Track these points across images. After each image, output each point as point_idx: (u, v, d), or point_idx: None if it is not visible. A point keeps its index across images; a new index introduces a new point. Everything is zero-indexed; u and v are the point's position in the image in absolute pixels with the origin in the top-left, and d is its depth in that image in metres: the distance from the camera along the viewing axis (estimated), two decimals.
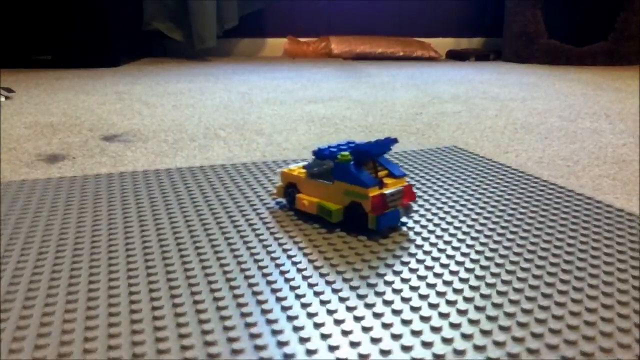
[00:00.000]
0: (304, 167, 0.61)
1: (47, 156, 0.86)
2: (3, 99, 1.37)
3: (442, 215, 0.60)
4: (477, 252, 0.51)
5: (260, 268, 0.47)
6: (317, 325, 0.39)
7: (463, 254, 0.50)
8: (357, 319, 0.40)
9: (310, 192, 0.59)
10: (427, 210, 0.62)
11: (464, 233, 0.55)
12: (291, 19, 2.64)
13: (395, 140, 0.57)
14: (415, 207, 0.62)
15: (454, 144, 0.95)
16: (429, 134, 1.02)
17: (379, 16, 2.71)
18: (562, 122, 1.14)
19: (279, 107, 1.29)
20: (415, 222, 0.58)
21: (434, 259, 0.50)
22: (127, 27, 2.20)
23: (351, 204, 0.55)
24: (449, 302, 0.42)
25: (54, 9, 2.00)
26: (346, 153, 0.57)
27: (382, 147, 0.57)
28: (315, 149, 0.60)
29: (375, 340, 0.37)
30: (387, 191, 0.55)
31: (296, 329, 0.38)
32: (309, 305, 0.41)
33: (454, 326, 0.39)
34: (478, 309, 0.41)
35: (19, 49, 2.02)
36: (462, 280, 0.45)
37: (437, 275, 0.46)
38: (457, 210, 0.62)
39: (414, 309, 0.41)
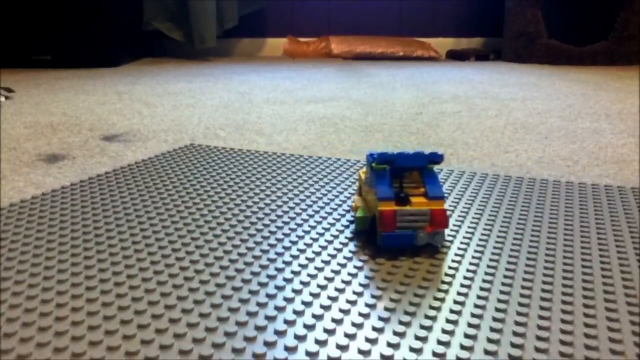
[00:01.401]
0: None
1: (47, 156, 0.86)
2: (3, 99, 1.37)
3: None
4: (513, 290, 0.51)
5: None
6: None
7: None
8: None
9: (363, 197, 0.57)
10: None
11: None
12: (291, 19, 2.64)
13: (438, 156, 0.52)
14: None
15: (453, 143, 0.95)
16: (429, 134, 1.02)
17: (379, 16, 2.71)
18: (562, 122, 1.14)
19: (279, 107, 1.29)
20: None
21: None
22: (127, 27, 2.20)
23: (374, 214, 0.52)
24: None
25: (54, 9, 2.00)
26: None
27: (414, 160, 0.52)
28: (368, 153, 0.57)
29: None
30: (400, 209, 0.50)
31: None
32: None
33: None
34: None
35: (19, 49, 2.02)
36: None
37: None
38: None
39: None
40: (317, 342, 0.37)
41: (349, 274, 0.47)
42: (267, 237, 0.54)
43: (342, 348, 0.36)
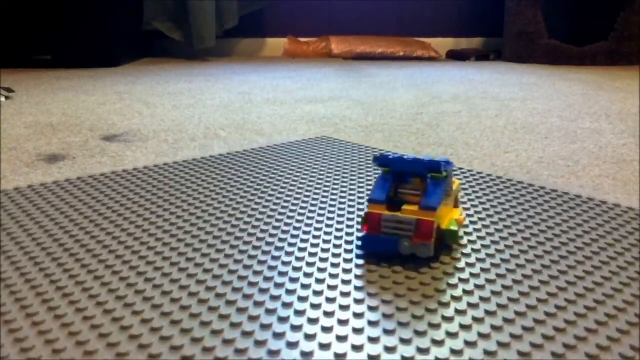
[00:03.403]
0: None
1: (47, 156, 0.86)
2: (3, 99, 1.37)
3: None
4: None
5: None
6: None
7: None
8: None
9: None
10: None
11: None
12: (291, 19, 2.64)
13: (437, 165, 0.49)
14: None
15: (453, 143, 0.95)
16: (429, 134, 1.02)
17: (379, 16, 2.71)
18: (562, 122, 1.14)
19: (279, 107, 1.29)
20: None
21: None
22: (127, 27, 2.20)
23: None
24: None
25: (54, 9, 2.00)
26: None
27: (412, 166, 0.50)
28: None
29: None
30: (385, 214, 0.49)
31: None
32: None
33: None
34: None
35: (19, 49, 2.02)
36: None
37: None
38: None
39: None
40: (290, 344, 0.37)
41: (331, 274, 0.47)
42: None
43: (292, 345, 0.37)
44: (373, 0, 2.69)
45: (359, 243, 0.52)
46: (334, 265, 0.48)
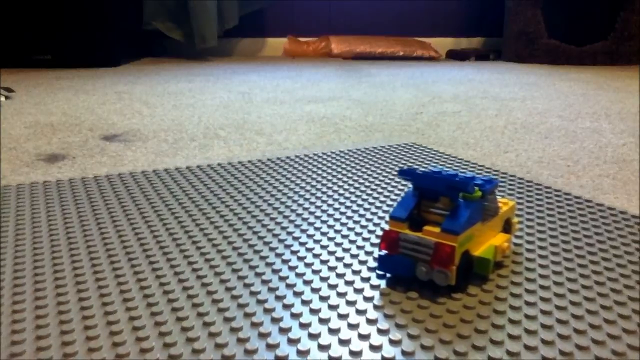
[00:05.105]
0: None
1: (47, 156, 0.86)
2: (3, 99, 1.37)
3: None
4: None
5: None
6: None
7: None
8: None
9: None
10: None
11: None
12: (291, 19, 2.64)
13: (464, 184, 0.43)
14: None
15: (453, 143, 0.95)
16: (429, 134, 1.02)
17: (379, 16, 2.71)
18: (562, 122, 1.14)
19: (279, 107, 1.29)
20: None
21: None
22: (127, 27, 2.20)
23: None
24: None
25: (54, 9, 2.00)
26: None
27: (434, 183, 0.45)
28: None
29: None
30: (404, 233, 0.44)
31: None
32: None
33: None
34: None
35: (19, 49, 2.02)
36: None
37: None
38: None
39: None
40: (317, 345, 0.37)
41: (355, 287, 0.47)
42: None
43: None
44: (373, 0, 2.69)
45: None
46: (348, 283, 0.45)
